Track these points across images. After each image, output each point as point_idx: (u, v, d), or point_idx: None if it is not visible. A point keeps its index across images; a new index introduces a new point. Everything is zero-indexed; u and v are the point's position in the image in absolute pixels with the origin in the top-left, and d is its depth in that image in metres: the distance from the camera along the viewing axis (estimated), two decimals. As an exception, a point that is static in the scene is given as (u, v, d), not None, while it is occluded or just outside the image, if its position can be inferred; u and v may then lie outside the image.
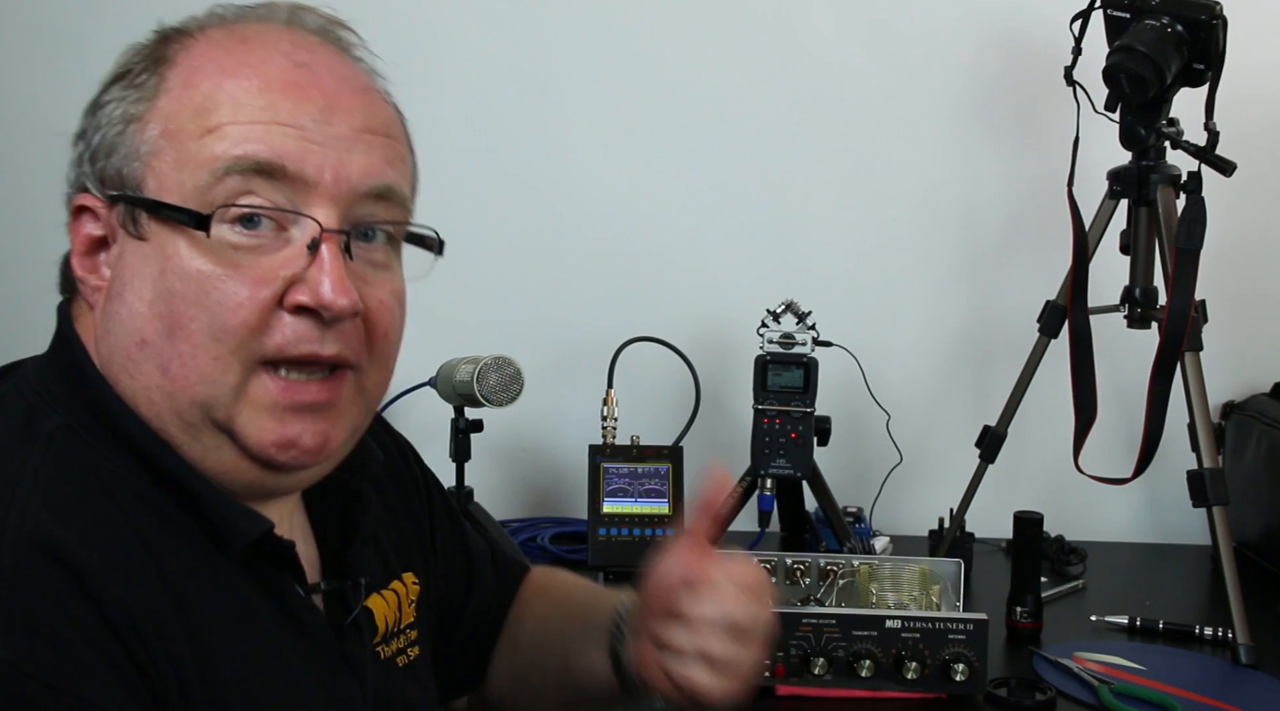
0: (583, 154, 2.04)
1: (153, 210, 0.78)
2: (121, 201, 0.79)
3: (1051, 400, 1.80)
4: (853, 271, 2.04)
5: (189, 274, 0.77)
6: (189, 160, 0.78)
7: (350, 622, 0.88)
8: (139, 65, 0.81)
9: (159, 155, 0.78)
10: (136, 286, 0.78)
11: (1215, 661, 1.55)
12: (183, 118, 0.78)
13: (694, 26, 2.02)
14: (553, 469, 2.06)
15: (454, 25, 2.02)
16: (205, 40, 0.81)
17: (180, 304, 0.77)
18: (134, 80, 0.80)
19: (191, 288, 0.77)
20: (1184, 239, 1.59)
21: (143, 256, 0.79)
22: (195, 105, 0.78)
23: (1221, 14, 1.57)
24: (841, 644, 1.37)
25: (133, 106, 0.79)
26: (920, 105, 2.02)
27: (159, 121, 0.79)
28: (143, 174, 0.78)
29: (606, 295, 2.05)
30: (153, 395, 0.78)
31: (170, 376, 0.78)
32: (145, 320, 0.78)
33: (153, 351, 0.78)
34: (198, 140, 0.78)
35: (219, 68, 0.79)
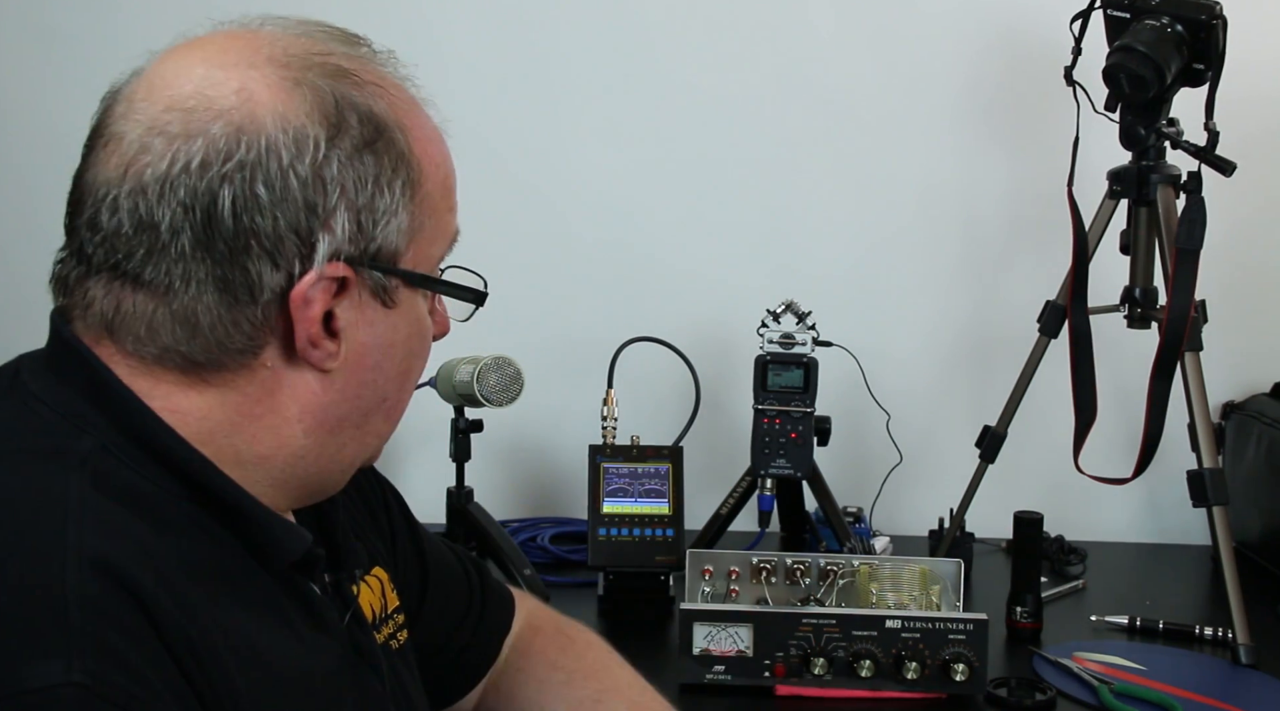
0: (583, 154, 2.04)
1: (421, 284, 0.83)
2: (393, 275, 0.81)
3: (1051, 400, 1.80)
4: (853, 271, 2.04)
5: (425, 333, 0.86)
6: (440, 235, 0.85)
7: (352, 615, 0.89)
8: (382, 137, 0.79)
9: (421, 231, 0.82)
10: (388, 351, 0.83)
11: (1215, 661, 1.55)
12: (437, 195, 0.84)
13: (695, 28, 2.02)
14: (553, 469, 2.06)
15: (455, 26, 2.02)
16: (401, 101, 0.83)
17: (414, 359, 0.86)
18: (394, 156, 0.80)
19: (422, 343, 0.86)
20: (1184, 239, 1.59)
21: (391, 323, 0.82)
22: (442, 182, 0.84)
23: (1221, 14, 1.57)
24: (841, 644, 1.37)
25: (409, 188, 0.81)
26: (920, 105, 2.02)
27: (423, 199, 0.82)
28: (407, 248, 0.81)
29: (606, 295, 2.05)
30: (373, 441, 0.87)
31: (392, 421, 0.87)
32: (391, 380, 0.84)
33: (389, 405, 0.85)
34: (445, 216, 0.85)
35: (427, 134, 0.84)
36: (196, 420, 0.78)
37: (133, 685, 0.66)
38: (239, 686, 0.72)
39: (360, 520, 1.02)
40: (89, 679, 0.64)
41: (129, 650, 0.67)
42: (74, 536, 0.69)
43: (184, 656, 0.69)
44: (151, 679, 0.67)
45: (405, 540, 1.09)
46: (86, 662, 0.65)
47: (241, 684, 0.72)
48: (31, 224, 2.02)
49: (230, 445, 0.79)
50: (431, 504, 1.86)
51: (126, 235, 0.75)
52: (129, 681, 0.66)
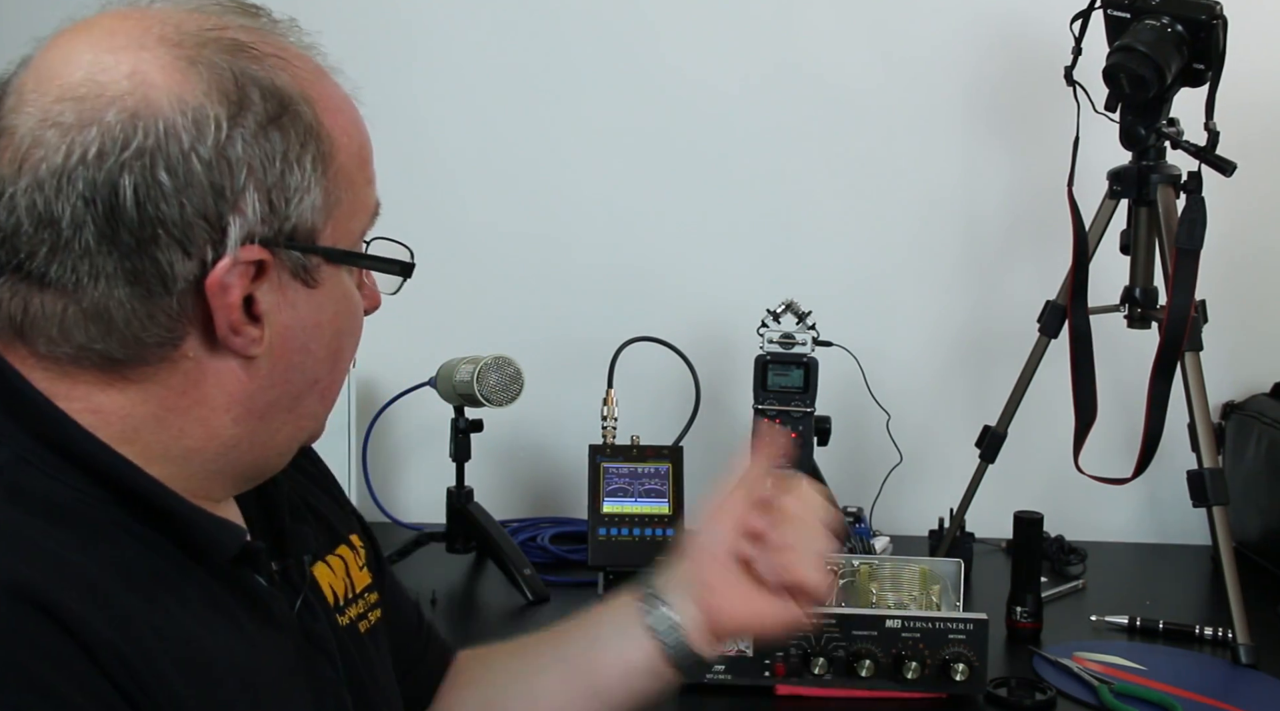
0: (583, 155, 2.04)
1: (341, 260, 0.80)
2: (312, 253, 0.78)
3: (1051, 400, 1.80)
4: (853, 271, 2.04)
5: (354, 310, 0.83)
6: (359, 208, 0.81)
7: (303, 602, 0.86)
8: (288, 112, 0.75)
9: (339, 206, 0.79)
10: (314, 332, 0.80)
11: (1215, 661, 1.55)
12: (352, 167, 0.80)
13: (695, 27, 2.02)
14: (553, 469, 2.06)
15: (454, 27, 2.02)
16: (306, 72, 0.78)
17: (347, 339, 0.83)
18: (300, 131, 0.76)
19: (351, 321, 0.83)
20: (1184, 239, 1.59)
21: (315, 303, 0.79)
22: (356, 153, 0.80)
23: (1221, 14, 1.57)
24: (841, 644, 1.37)
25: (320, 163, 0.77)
26: (920, 105, 2.02)
27: (338, 173, 0.79)
28: (324, 225, 0.78)
29: (606, 295, 2.05)
30: (307, 423, 0.83)
31: (326, 403, 0.84)
32: (321, 362, 0.81)
33: (320, 388, 0.82)
34: (364, 188, 0.81)
35: (335, 104, 0.80)
36: (119, 419, 0.75)
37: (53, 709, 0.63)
38: (181, 694, 0.70)
39: (326, 490, 1.00)
40: None
41: (53, 676, 0.64)
42: None
43: (116, 672, 0.67)
44: (81, 704, 0.65)
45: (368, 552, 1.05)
46: (8, 696, 0.62)
47: (184, 691, 0.70)
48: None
49: (158, 441, 0.76)
50: (431, 504, 1.87)
51: (27, 233, 0.71)
52: (49, 706, 0.63)
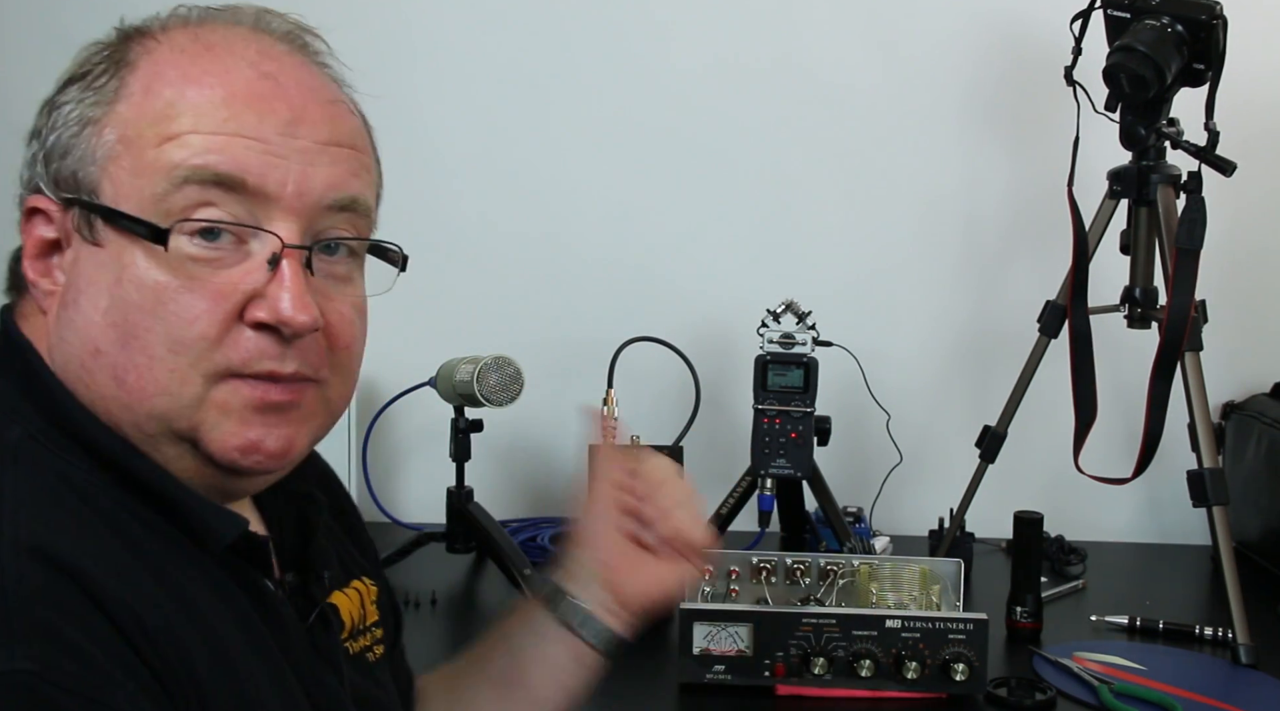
0: (583, 155, 2.04)
1: (109, 218, 0.76)
2: (77, 206, 0.78)
3: (1051, 400, 1.80)
4: (853, 271, 2.04)
5: (145, 284, 0.76)
6: (147, 168, 0.76)
7: (317, 616, 0.87)
8: (99, 67, 0.79)
9: (116, 161, 0.77)
10: (91, 294, 0.77)
11: (1215, 661, 1.55)
12: (142, 124, 0.77)
13: (696, 27, 2.02)
14: (553, 469, 2.06)
15: (454, 26, 2.02)
16: (169, 44, 0.80)
17: (136, 314, 0.76)
18: (93, 82, 0.79)
19: (148, 298, 0.76)
20: (1184, 239, 1.59)
21: (98, 263, 0.77)
22: (156, 112, 0.77)
23: (1221, 14, 1.57)
24: (841, 644, 1.37)
25: (90, 109, 0.78)
26: (920, 105, 2.02)
27: (117, 126, 0.77)
28: (99, 179, 0.77)
29: (606, 295, 2.05)
30: (109, 405, 0.77)
31: (126, 388, 0.77)
32: (100, 329, 0.77)
33: (107, 361, 0.77)
34: (156, 148, 0.76)
35: (182, 74, 0.78)
36: None
37: (82, 669, 0.65)
38: (200, 668, 0.71)
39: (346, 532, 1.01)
40: (35, 665, 0.64)
41: (75, 633, 0.66)
42: (9, 526, 0.69)
43: (134, 634, 0.68)
44: (101, 660, 0.66)
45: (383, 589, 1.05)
46: (31, 649, 0.64)
47: (202, 665, 0.72)
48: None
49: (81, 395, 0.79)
50: (431, 504, 1.86)
51: None
52: (77, 665, 0.65)
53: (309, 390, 0.81)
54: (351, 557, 0.99)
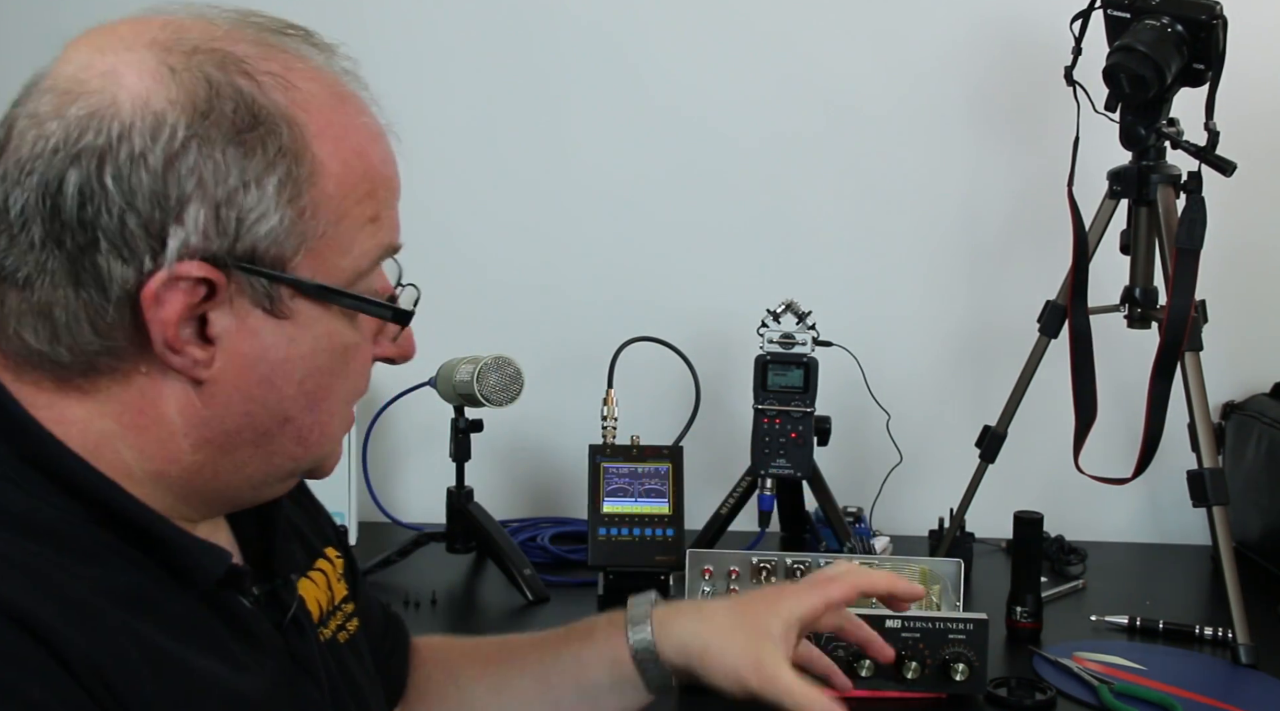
0: (584, 155, 2.04)
1: (320, 295, 0.76)
2: (278, 282, 0.74)
3: (1051, 400, 1.80)
4: (853, 271, 2.04)
5: (337, 350, 0.79)
6: (352, 246, 0.77)
7: (290, 621, 0.85)
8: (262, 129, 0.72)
9: (322, 238, 0.75)
10: (281, 366, 0.76)
11: (1215, 661, 1.55)
12: (348, 202, 0.76)
13: (695, 28, 2.02)
14: (553, 469, 2.06)
15: (456, 25, 2.02)
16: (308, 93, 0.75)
17: (328, 378, 0.79)
18: (273, 151, 0.73)
19: (338, 361, 0.79)
20: (1184, 239, 1.59)
21: (284, 335, 0.75)
22: (354, 185, 0.76)
23: (1221, 14, 1.57)
24: (841, 643, 1.37)
25: (290, 187, 0.73)
26: (920, 105, 2.02)
27: (325, 207, 0.75)
28: (296, 254, 0.74)
29: (606, 295, 2.05)
30: (280, 461, 0.80)
31: (306, 445, 0.80)
32: (292, 399, 0.77)
33: (294, 427, 0.78)
34: (361, 226, 0.77)
35: (354, 142, 0.77)
36: (81, 430, 0.74)
37: None
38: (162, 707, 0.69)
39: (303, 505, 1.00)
40: None
41: (37, 692, 0.63)
42: None
43: (96, 689, 0.65)
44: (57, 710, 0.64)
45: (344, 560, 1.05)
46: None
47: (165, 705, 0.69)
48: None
49: (121, 459, 0.74)
50: (431, 504, 1.86)
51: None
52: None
53: None
54: (309, 537, 0.97)
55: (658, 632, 1.03)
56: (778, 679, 0.99)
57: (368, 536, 1.90)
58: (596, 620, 1.07)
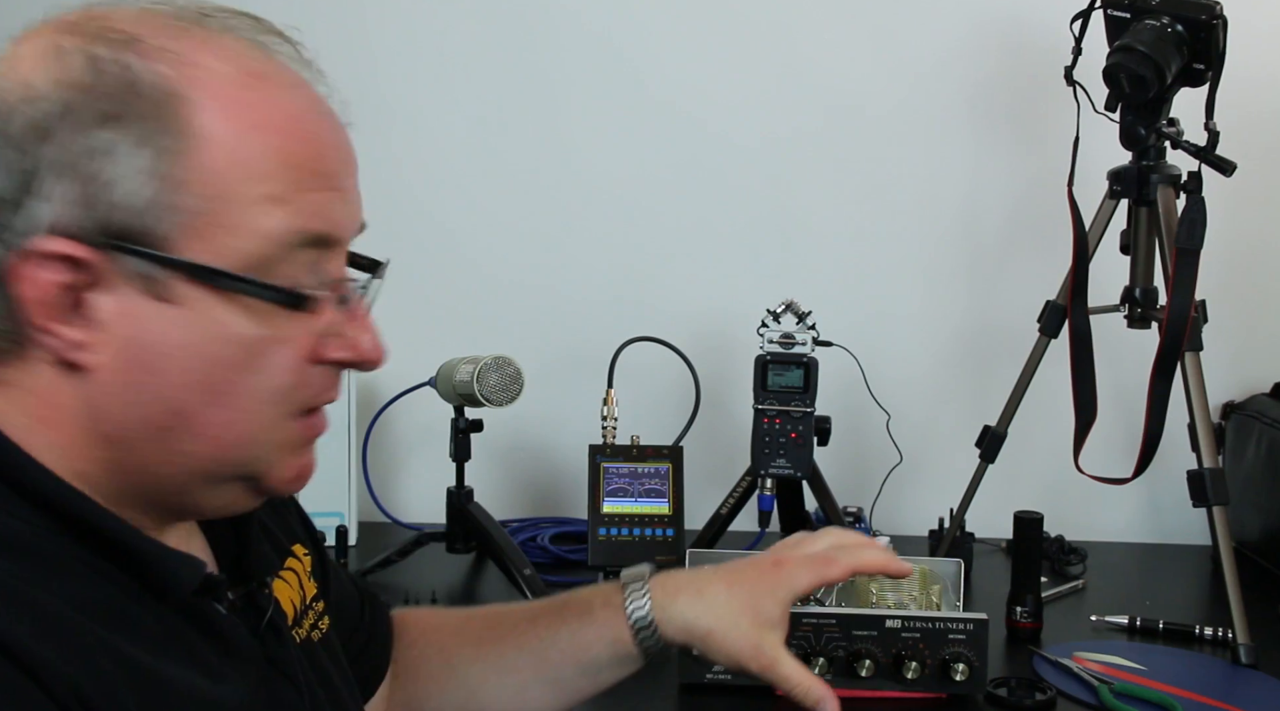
0: (584, 154, 2.04)
1: (207, 277, 0.71)
2: (150, 260, 0.71)
3: (1051, 400, 1.80)
4: (853, 271, 2.04)
5: (237, 340, 0.73)
6: (241, 227, 0.72)
7: (267, 624, 0.84)
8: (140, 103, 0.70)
9: (204, 217, 0.71)
10: (169, 355, 0.72)
11: (1215, 661, 1.55)
12: (232, 178, 0.71)
13: (695, 27, 2.02)
14: (553, 469, 2.06)
15: (456, 23, 2.02)
16: (212, 70, 0.72)
17: (228, 371, 0.73)
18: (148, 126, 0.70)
19: (239, 353, 0.74)
20: (1184, 239, 1.59)
21: (170, 321, 0.72)
22: (248, 166, 0.72)
23: (1221, 14, 1.57)
24: (841, 643, 1.37)
25: (159, 161, 0.70)
26: (920, 105, 2.02)
27: (205, 182, 0.71)
28: (178, 235, 0.71)
29: (606, 295, 2.05)
30: (185, 461, 0.75)
31: (208, 441, 0.74)
32: (183, 390, 0.73)
33: (188, 422, 0.74)
34: (256, 207, 0.72)
35: (255, 117, 0.72)
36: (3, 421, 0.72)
37: None
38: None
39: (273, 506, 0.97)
40: None
41: (5, 704, 0.62)
42: None
43: (69, 701, 0.64)
44: None
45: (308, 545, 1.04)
46: None
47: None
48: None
49: (46, 457, 0.72)
50: (431, 504, 1.86)
51: None
52: None
53: None
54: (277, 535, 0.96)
55: (658, 614, 1.04)
56: (777, 664, 1.02)
57: (368, 536, 1.90)
58: (592, 597, 1.08)
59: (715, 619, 1.03)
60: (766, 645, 1.02)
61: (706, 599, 1.04)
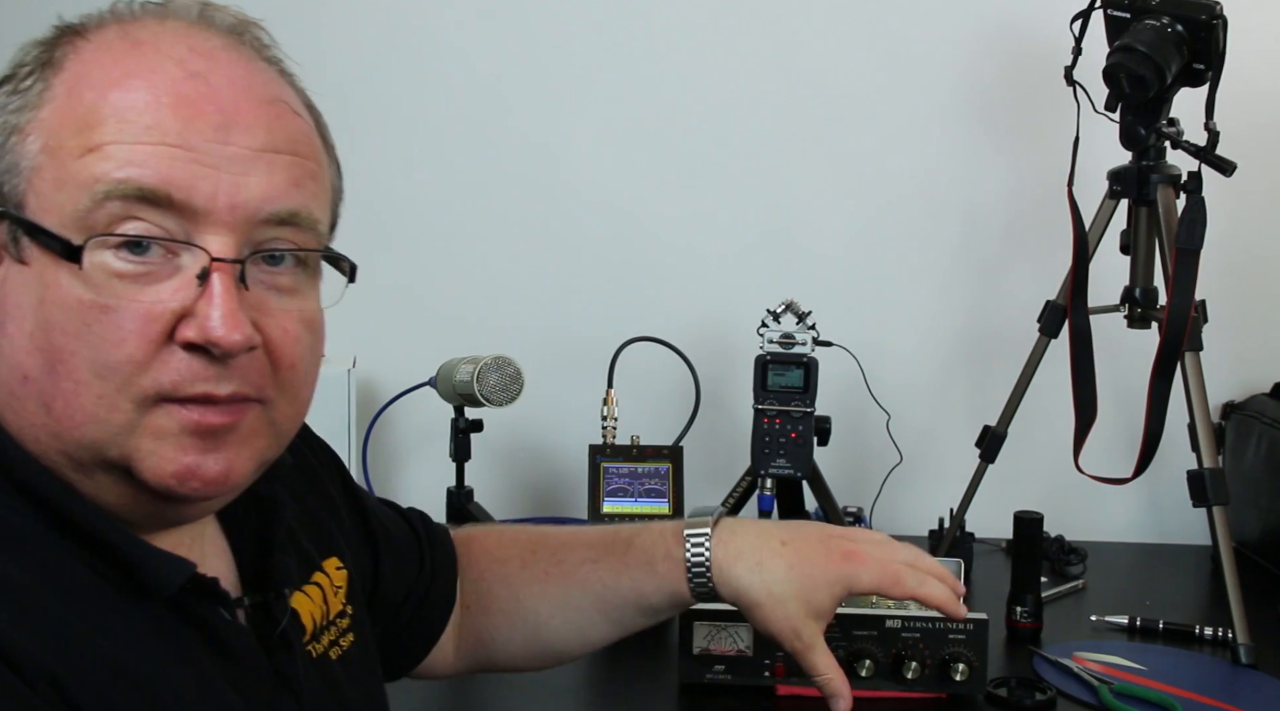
0: (584, 154, 2.04)
1: (30, 233, 0.71)
2: (4, 220, 0.72)
3: (1051, 400, 1.80)
4: (853, 271, 2.04)
5: (68, 304, 0.70)
6: (69, 180, 0.71)
7: (279, 635, 0.83)
8: (26, 68, 0.74)
9: (40, 172, 0.71)
10: (18, 316, 0.71)
11: (1215, 661, 1.55)
12: (64, 133, 0.71)
13: (695, 27, 2.02)
14: (553, 469, 2.06)
15: (456, 22, 2.02)
16: (96, 42, 0.74)
17: (61, 337, 0.70)
18: (19, 84, 0.74)
19: (72, 320, 0.70)
20: (1184, 239, 1.59)
21: (23, 282, 0.71)
22: (78, 118, 0.71)
23: (1221, 14, 1.57)
24: (841, 643, 1.37)
25: (14, 116, 0.73)
26: (920, 105, 2.02)
27: (41, 134, 0.72)
28: (24, 191, 0.71)
29: (606, 295, 2.05)
30: (39, 434, 0.72)
31: (54, 415, 0.71)
32: (26, 354, 0.71)
33: (34, 388, 0.71)
34: (78, 159, 0.71)
35: (105, 76, 0.72)
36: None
37: None
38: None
39: (309, 513, 0.97)
40: None
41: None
42: None
43: (46, 691, 0.64)
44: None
45: (349, 515, 1.04)
46: None
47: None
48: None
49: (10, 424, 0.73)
50: (432, 504, 1.85)
51: None
52: None
53: (250, 411, 0.75)
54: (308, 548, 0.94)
55: (715, 575, 1.05)
56: (810, 651, 1.04)
57: (368, 536, 1.89)
58: (654, 547, 1.08)
59: (767, 595, 1.04)
60: (806, 632, 1.04)
61: (765, 573, 1.04)
